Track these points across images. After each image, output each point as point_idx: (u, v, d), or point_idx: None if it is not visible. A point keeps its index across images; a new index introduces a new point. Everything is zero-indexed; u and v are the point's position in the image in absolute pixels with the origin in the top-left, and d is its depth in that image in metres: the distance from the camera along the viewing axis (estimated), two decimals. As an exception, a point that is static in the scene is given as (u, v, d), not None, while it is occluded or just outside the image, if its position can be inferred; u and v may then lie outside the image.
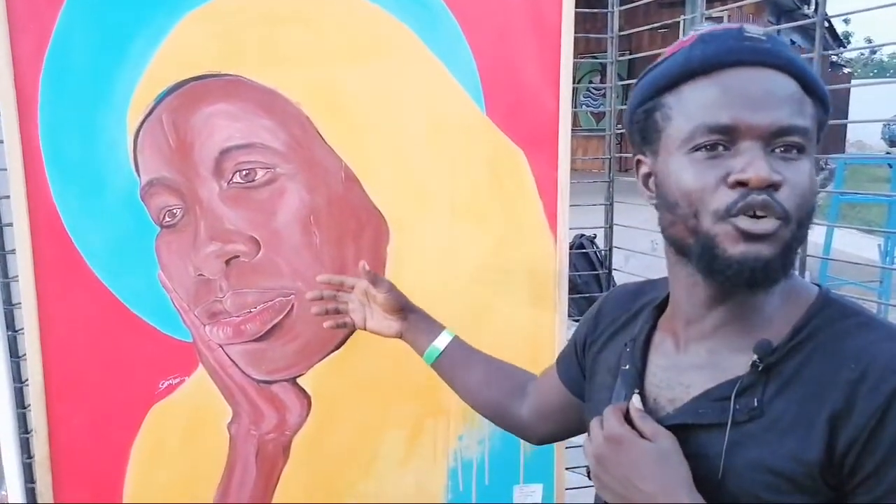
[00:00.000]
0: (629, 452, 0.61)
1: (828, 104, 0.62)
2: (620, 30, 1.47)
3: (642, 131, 0.65)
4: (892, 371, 0.54)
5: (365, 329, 1.01)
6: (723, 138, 0.58)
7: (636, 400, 0.65)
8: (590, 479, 0.65)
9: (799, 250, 0.63)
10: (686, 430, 0.62)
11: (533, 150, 1.26)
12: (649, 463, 0.60)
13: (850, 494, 0.55)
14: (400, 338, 0.99)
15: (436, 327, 0.99)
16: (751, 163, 0.57)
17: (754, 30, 0.61)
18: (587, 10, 1.39)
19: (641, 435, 0.62)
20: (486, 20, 1.21)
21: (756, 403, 0.59)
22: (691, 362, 0.66)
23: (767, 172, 0.56)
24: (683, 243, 0.62)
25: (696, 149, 0.59)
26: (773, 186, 0.57)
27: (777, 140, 0.58)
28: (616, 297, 0.83)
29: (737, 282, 0.59)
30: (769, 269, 0.58)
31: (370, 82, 1.19)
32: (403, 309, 0.99)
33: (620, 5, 1.43)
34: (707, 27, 0.64)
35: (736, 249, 0.58)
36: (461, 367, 0.96)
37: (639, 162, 0.67)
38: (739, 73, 0.59)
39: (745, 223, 0.57)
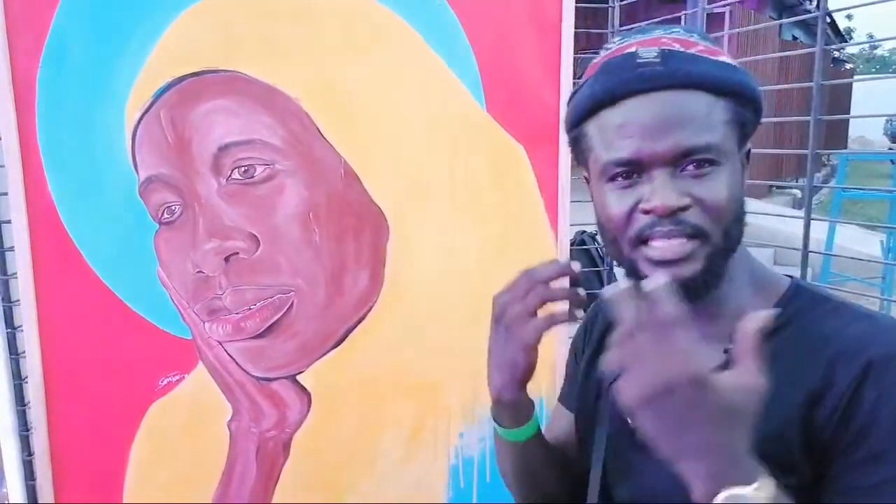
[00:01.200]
0: (713, 393, 0.47)
1: (749, 94, 0.62)
2: (621, 25, 1.46)
3: (576, 155, 0.69)
4: (865, 347, 0.57)
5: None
6: (630, 169, 0.61)
7: (757, 318, 0.51)
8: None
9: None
10: None
11: (533, 146, 1.26)
12: (726, 411, 0.48)
13: (830, 466, 0.57)
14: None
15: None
16: (655, 191, 0.59)
17: (646, 52, 0.61)
18: (588, 5, 1.38)
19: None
20: (486, 15, 1.21)
21: None
22: None
23: (672, 199, 0.59)
24: (618, 264, 0.66)
25: (612, 179, 0.62)
26: (680, 210, 0.59)
27: (684, 160, 0.59)
28: (602, 304, 0.84)
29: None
30: (690, 288, 0.60)
31: (369, 78, 1.18)
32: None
33: (621, 0, 1.42)
34: (609, 49, 0.65)
35: (653, 275, 0.60)
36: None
37: (587, 179, 0.70)
38: (637, 102, 0.60)
39: (654, 252, 0.60)
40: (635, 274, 0.62)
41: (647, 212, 0.60)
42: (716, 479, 0.47)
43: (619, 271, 0.69)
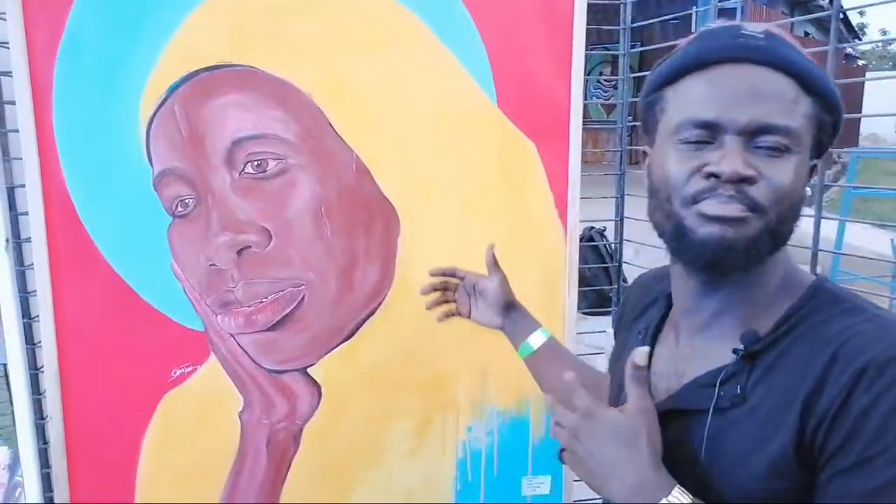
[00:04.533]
0: (601, 424, 0.62)
1: (834, 104, 0.62)
2: (632, 21, 1.46)
3: (645, 122, 0.69)
4: (862, 351, 0.56)
5: (469, 318, 1.04)
6: (706, 133, 0.60)
7: (639, 353, 0.64)
8: (561, 460, 0.66)
9: (787, 244, 0.64)
10: (673, 415, 0.64)
11: (544, 141, 1.26)
12: (618, 435, 0.61)
13: (820, 472, 0.56)
14: (501, 330, 1.01)
15: (533, 324, 1.00)
16: (725, 156, 0.59)
17: (753, 28, 0.61)
18: (599, 1, 1.38)
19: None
20: (497, 11, 1.21)
21: (739, 391, 0.61)
22: (688, 353, 0.68)
23: (740, 167, 0.58)
24: (661, 228, 0.65)
25: (683, 142, 0.61)
26: (745, 181, 0.58)
27: (759, 137, 0.59)
28: (639, 284, 0.86)
29: (699, 262, 0.62)
30: (731, 251, 0.59)
31: (381, 73, 1.19)
32: (507, 304, 1.00)
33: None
34: (714, 24, 0.65)
35: (702, 230, 0.60)
36: (551, 367, 0.97)
37: (645, 153, 0.70)
38: (728, 70, 0.60)
39: (708, 207, 0.59)
40: (679, 231, 0.61)
41: (711, 175, 0.59)
42: (636, 493, 0.58)
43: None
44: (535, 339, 0.98)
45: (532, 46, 1.23)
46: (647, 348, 0.64)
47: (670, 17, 1.65)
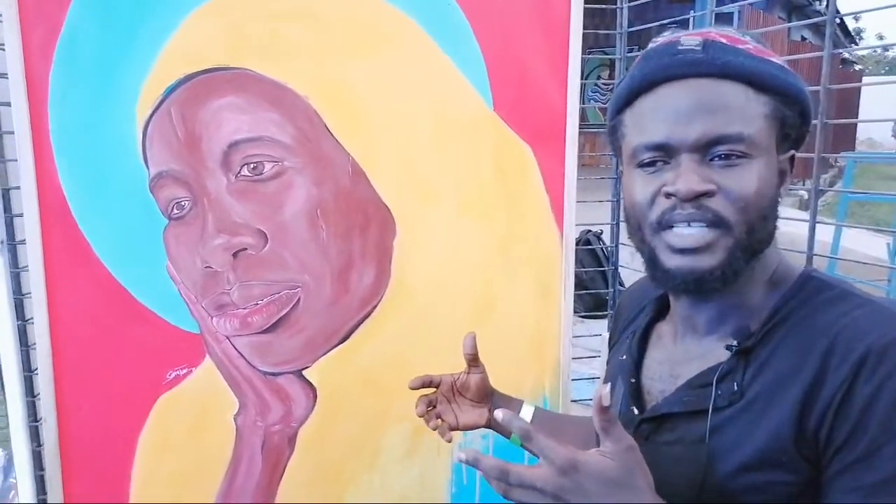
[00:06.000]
0: (589, 476, 0.54)
1: (793, 96, 0.61)
2: (629, 26, 1.47)
3: (613, 146, 0.70)
4: (859, 340, 0.55)
5: (458, 429, 0.93)
6: (660, 154, 0.60)
7: (604, 392, 0.56)
8: None
9: (782, 246, 0.64)
10: (670, 418, 0.64)
11: (540, 145, 1.26)
12: (611, 482, 0.54)
13: (826, 467, 0.56)
14: (489, 428, 0.92)
15: (515, 404, 0.93)
16: (680, 175, 0.59)
17: (690, 40, 0.61)
18: (596, 5, 1.39)
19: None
20: (494, 15, 1.21)
21: (736, 387, 0.61)
22: (683, 356, 0.68)
23: (695, 184, 0.58)
24: (640, 252, 0.66)
25: (640, 165, 0.62)
26: (704, 195, 0.58)
27: (713, 149, 0.59)
28: (632, 291, 0.86)
29: (678, 292, 0.63)
30: (705, 280, 0.60)
31: (377, 77, 1.19)
32: (489, 394, 0.93)
33: (629, 1, 1.42)
34: (657, 41, 0.66)
35: (671, 262, 0.61)
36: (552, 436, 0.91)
37: (621, 173, 0.71)
38: (673, 88, 0.60)
39: (673, 238, 0.60)
40: (653, 261, 0.62)
41: (669, 195, 0.59)
42: None
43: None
44: (525, 416, 0.90)
45: (528, 50, 1.23)
46: (607, 386, 0.56)
47: (668, 21, 1.64)
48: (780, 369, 0.59)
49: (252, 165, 1.16)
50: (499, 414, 0.57)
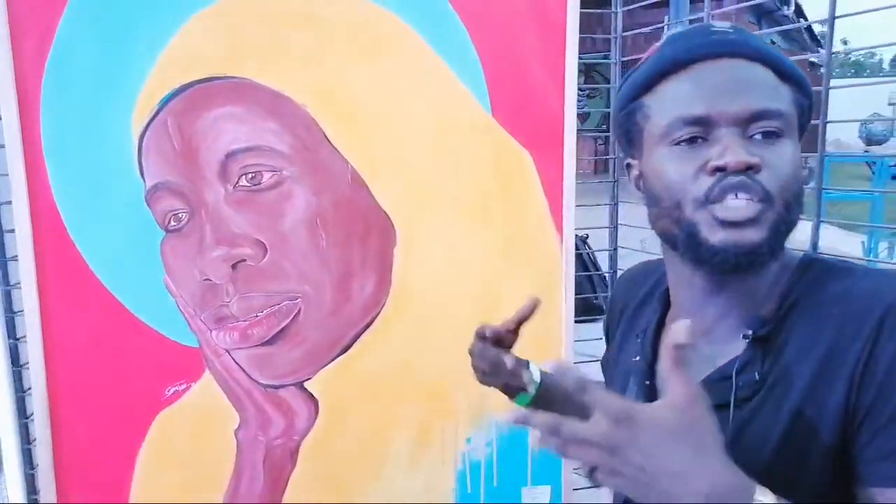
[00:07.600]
0: (647, 428, 0.49)
1: (808, 88, 0.63)
2: (624, 31, 1.48)
3: (627, 134, 0.68)
4: (876, 300, 0.56)
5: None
6: (699, 130, 0.60)
7: (682, 330, 0.51)
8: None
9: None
10: None
11: (539, 150, 1.26)
12: (673, 436, 0.49)
13: (855, 435, 0.56)
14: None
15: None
16: (727, 148, 0.58)
17: (721, 24, 0.63)
18: (592, 10, 1.40)
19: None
20: (491, 21, 1.21)
21: (757, 377, 0.61)
22: (696, 354, 0.67)
23: (744, 155, 0.58)
24: (670, 234, 0.63)
25: (676, 143, 0.61)
26: (751, 168, 0.58)
27: (753, 125, 0.59)
28: (627, 280, 0.85)
29: (723, 269, 0.61)
30: (754, 254, 0.59)
31: (375, 84, 1.18)
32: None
33: (624, 6, 1.44)
34: (682, 27, 0.67)
35: (716, 237, 0.59)
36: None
37: (629, 166, 0.70)
38: (709, 66, 0.61)
39: (721, 211, 0.58)
40: (694, 238, 0.60)
41: (718, 169, 0.58)
42: (713, 501, 0.47)
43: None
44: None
45: (526, 56, 1.24)
46: (688, 322, 0.51)
47: (647, 29, 1.65)
48: (798, 349, 0.59)
49: (250, 175, 1.14)
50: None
